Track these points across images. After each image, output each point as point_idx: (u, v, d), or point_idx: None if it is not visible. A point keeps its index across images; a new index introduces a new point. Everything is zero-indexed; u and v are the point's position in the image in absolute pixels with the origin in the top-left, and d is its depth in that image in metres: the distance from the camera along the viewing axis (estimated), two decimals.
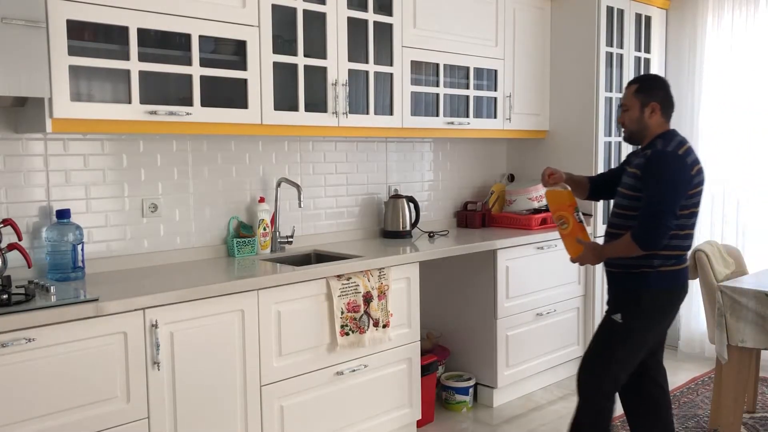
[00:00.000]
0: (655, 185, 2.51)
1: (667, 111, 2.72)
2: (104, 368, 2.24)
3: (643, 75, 2.78)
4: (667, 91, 2.74)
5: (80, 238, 2.60)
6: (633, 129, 2.72)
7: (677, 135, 2.68)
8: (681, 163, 2.53)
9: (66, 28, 2.34)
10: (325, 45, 3.11)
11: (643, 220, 2.51)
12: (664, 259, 2.58)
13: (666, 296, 2.64)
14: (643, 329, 2.64)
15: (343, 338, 2.89)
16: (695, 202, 2.59)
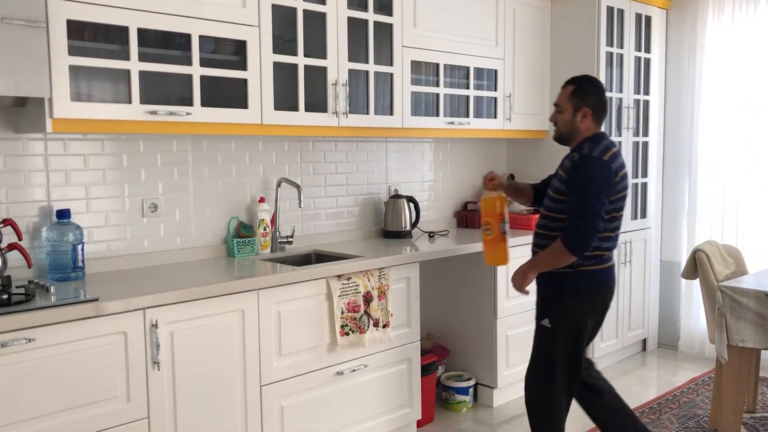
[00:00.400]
0: (581, 190, 2.55)
1: (598, 115, 2.74)
2: (104, 368, 2.24)
3: (581, 76, 2.79)
4: (601, 95, 2.74)
5: (80, 238, 2.60)
6: (564, 131, 2.75)
7: (605, 139, 2.70)
8: (606, 168, 2.56)
9: (66, 28, 2.33)
10: (325, 45, 3.11)
11: (571, 226, 2.55)
12: (583, 260, 2.62)
13: (588, 297, 2.68)
14: (573, 330, 2.68)
15: (343, 338, 2.89)
16: (618, 206, 2.63)
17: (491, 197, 2.88)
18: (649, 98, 4.57)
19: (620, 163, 2.64)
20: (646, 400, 3.83)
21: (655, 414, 3.63)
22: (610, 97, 4.25)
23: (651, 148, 4.61)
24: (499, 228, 2.85)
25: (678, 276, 4.59)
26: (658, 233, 4.76)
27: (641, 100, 4.51)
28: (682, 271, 3.48)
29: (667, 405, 3.76)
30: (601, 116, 2.75)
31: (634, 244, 4.51)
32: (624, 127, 4.37)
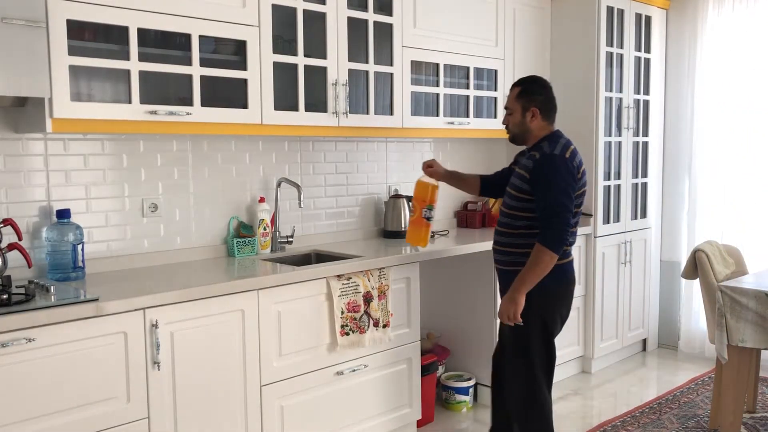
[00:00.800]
0: (548, 189, 2.60)
1: (547, 114, 2.77)
2: (104, 368, 2.24)
3: (527, 77, 2.85)
4: (548, 94, 2.78)
5: (80, 238, 2.60)
6: (516, 132, 2.81)
7: (562, 137, 2.75)
8: (568, 166, 2.62)
9: (66, 28, 2.33)
10: (325, 45, 3.11)
11: (544, 226, 2.60)
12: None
13: (553, 291, 2.72)
14: (545, 324, 2.73)
15: (343, 338, 2.89)
16: (579, 203, 2.70)
17: (424, 182, 3.09)
18: (649, 98, 4.57)
19: (579, 160, 2.71)
20: (646, 400, 3.83)
21: (655, 414, 3.63)
22: (610, 97, 4.25)
23: (651, 148, 4.62)
24: (421, 212, 3.07)
25: (678, 276, 4.59)
26: (658, 233, 4.76)
27: (641, 100, 4.51)
28: (682, 271, 3.48)
29: (667, 405, 3.76)
30: (551, 114, 2.79)
31: (634, 244, 4.51)
32: (624, 127, 4.37)
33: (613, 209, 4.34)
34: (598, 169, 4.19)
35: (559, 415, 3.64)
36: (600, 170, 4.20)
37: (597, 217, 4.20)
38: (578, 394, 3.96)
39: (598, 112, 4.16)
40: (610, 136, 4.27)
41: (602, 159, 4.21)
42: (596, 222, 4.20)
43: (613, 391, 4.02)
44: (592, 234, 4.20)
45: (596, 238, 4.20)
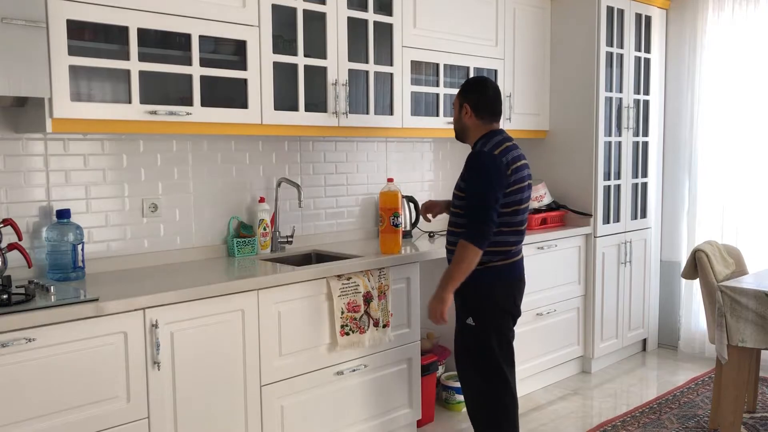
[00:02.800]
0: (472, 184, 2.64)
1: (480, 113, 2.77)
2: (104, 368, 2.24)
3: (471, 78, 2.97)
4: (483, 93, 2.78)
5: (80, 238, 2.60)
6: (456, 128, 2.88)
7: (498, 135, 2.75)
8: (495, 162, 2.63)
9: (66, 28, 2.33)
10: (325, 45, 3.11)
11: (470, 223, 2.62)
12: (491, 255, 2.68)
13: (500, 291, 2.73)
14: (498, 323, 2.73)
15: (344, 338, 2.89)
16: (516, 199, 2.69)
17: (386, 193, 3.21)
18: (649, 98, 4.57)
19: (513, 157, 2.70)
20: (646, 400, 3.83)
21: (655, 414, 3.63)
22: (610, 97, 4.25)
23: (651, 148, 4.62)
24: (389, 221, 3.17)
25: (678, 276, 4.60)
26: (658, 233, 4.76)
27: (641, 100, 4.52)
28: (682, 271, 3.48)
29: (667, 405, 3.76)
30: (484, 113, 2.77)
31: (634, 244, 4.51)
32: (624, 127, 4.37)
33: (613, 209, 4.34)
34: (598, 169, 4.19)
35: (559, 415, 3.65)
36: (600, 170, 4.20)
37: (597, 217, 4.20)
38: (578, 394, 3.96)
39: (598, 112, 4.16)
40: (610, 136, 4.27)
41: (602, 159, 4.21)
42: (596, 222, 4.20)
43: (613, 391, 4.02)
44: (592, 234, 4.20)
45: (596, 238, 4.20)
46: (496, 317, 2.73)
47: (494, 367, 2.72)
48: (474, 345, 2.75)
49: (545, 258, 3.91)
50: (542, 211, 4.15)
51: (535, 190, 4.14)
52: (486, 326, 2.71)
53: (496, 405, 2.75)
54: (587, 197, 4.21)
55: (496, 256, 2.70)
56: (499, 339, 2.73)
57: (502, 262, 2.72)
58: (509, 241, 2.72)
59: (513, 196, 2.68)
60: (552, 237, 3.94)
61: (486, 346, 2.72)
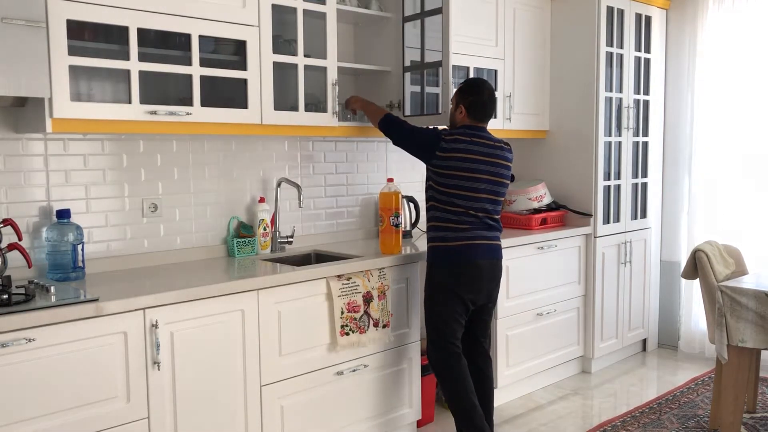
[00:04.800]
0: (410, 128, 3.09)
1: (473, 113, 3.04)
2: (104, 368, 2.24)
3: (470, 79, 3.20)
4: (479, 97, 3.04)
5: (80, 238, 2.60)
6: (450, 121, 3.16)
7: (464, 127, 3.03)
8: (434, 132, 3.01)
9: (66, 28, 2.33)
10: (325, 45, 3.11)
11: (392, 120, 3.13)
12: (437, 232, 2.99)
13: (447, 271, 2.96)
14: (438, 300, 2.99)
15: (343, 338, 2.89)
16: (456, 184, 2.93)
17: (385, 194, 3.23)
18: (649, 98, 4.57)
19: (458, 147, 2.94)
20: (646, 400, 3.83)
21: (655, 414, 3.63)
22: (610, 97, 4.25)
23: (651, 148, 4.62)
24: (389, 221, 3.20)
25: (678, 276, 4.60)
26: (658, 233, 4.76)
27: (641, 100, 4.52)
28: (682, 271, 3.48)
29: (667, 405, 3.76)
30: (478, 114, 3.05)
31: (634, 244, 4.51)
32: (624, 127, 4.37)
33: (613, 209, 4.34)
34: (598, 169, 4.19)
35: (559, 415, 3.65)
36: (600, 170, 4.20)
37: (597, 217, 4.20)
38: (578, 394, 3.96)
39: (598, 112, 4.16)
40: (610, 136, 4.27)
41: (602, 159, 4.21)
42: (596, 222, 4.20)
43: (613, 391, 4.02)
44: (592, 234, 4.20)
45: (596, 238, 4.20)
46: (437, 294, 2.99)
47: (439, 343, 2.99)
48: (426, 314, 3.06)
49: (545, 258, 3.91)
50: (542, 211, 4.15)
51: (535, 190, 4.14)
52: (431, 300, 3.02)
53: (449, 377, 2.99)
54: (587, 197, 4.21)
55: (444, 233, 2.96)
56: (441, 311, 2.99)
57: (450, 243, 2.95)
58: (451, 219, 2.95)
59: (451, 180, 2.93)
60: (552, 237, 3.94)
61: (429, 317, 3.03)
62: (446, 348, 2.99)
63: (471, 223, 2.95)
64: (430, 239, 3.02)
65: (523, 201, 4.14)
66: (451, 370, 2.99)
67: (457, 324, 3.01)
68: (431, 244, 3.01)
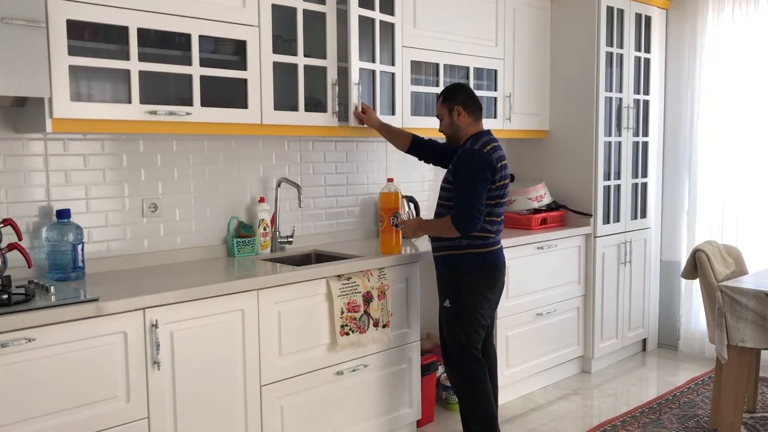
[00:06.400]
0: (465, 181, 2.86)
1: (471, 109, 3.01)
2: (104, 368, 2.24)
3: (447, 86, 3.14)
4: (467, 92, 3.04)
5: (80, 238, 2.60)
6: (449, 133, 3.07)
7: (486, 135, 2.98)
8: (485, 160, 2.86)
9: (66, 28, 2.33)
10: (325, 45, 3.11)
11: (459, 209, 2.86)
12: (471, 240, 2.92)
13: (478, 276, 2.96)
14: (470, 307, 2.95)
15: (343, 338, 2.89)
16: (501, 194, 2.95)
17: (386, 194, 3.22)
18: (649, 98, 4.57)
19: (499, 155, 2.92)
20: (646, 400, 3.83)
21: (655, 414, 3.63)
22: (610, 97, 4.25)
23: (651, 148, 4.62)
24: (389, 220, 3.19)
25: (678, 276, 4.59)
26: (658, 233, 4.76)
27: (641, 100, 4.51)
28: (682, 271, 3.48)
29: (667, 405, 3.76)
30: (474, 109, 3.02)
31: (634, 244, 4.51)
32: (624, 127, 4.37)
33: (613, 209, 4.34)
34: (598, 169, 4.19)
35: (559, 415, 3.65)
36: (600, 170, 4.20)
37: (597, 217, 4.20)
38: (578, 394, 3.96)
39: (598, 112, 4.16)
40: (610, 136, 4.27)
41: (602, 159, 4.21)
42: (596, 222, 4.20)
43: (613, 391, 4.02)
44: (592, 234, 4.20)
45: (596, 238, 4.20)
46: (469, 300, 2.94)
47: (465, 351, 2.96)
48: (447, 327, 3.00)
49: (545, 258, 3.91)
50: (542, 211, 4.15)
51: (535, 190, 4.14)
52: (459, 312, 2.95)
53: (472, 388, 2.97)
54: (587, 197, 4.21)
55: (476, 241, 2.93)
56: (468, 322, 2.95)
57: (482, 249, 2.94)
58: (488, 229, 2.94)
59: (499, 191, 2.92)
60: (552, 237, 3.94)
61: (455, 330, 2.96)
62: (476, 355, 2.98)
63: (499, 230, 3.01)
64: (457, 246, 2.94)
65: (523, 201, 4.14)
66: (482, 377, 2.98)
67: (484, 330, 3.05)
68: (462, 251, 2.93)
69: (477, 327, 2.98)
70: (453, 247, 2.95)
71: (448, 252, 2.97)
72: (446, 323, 3.02)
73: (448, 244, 2.96)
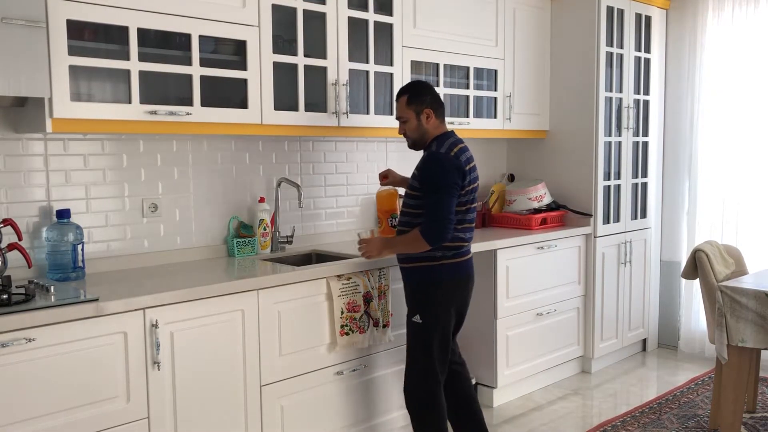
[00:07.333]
0: (434, 189, 2.69)
1: (439, 111, 2.85)
2: (104, 368, 2.24)
3: (409, 84, 2.92)
4: (433, 93, 2.86)
5: (80, 238, 2.60)
6: (415, 137, 2.86)
7: (451, 137, 2.82)
8: (454, 166, 2.70)
9: (66, 28, 2.33)
10: (325, 45, 3.11)
11: (429, 221, 2.69)
12: (444, 251, 2.75)
13: (451, 287, 2.79)
14: (442, 321, 2.78)
15: (343, 338, 2.89)
16: (471, 199, 2.79)
17: (383, 195, 3.12)
18: (649, 98, 4.57)
19: (467, 158, 2.77)
20: (646, 400, 3.83)
21: (655, 414, 3.63)
22: (610, 97, 4.25)
23: (651, 148, 4.62)
24: (387, 223, 3.17)
25: (678, 276, 4.59)
26: (658, 233, 4.76)
27: (641, 100, 4.52)
28: (682, 271, 3.48)
29: (667, 405, 3.76)
30: (441, 111, 2.86)
31: (634, 244, 4.51)
32: (624, 127, 4.37)
33: (613, 209, 4.34)
34: (598, 169, 4.19)
35: (559, 415, 3.65)
36: (600, 170, 4.20)
37: (597, 217, 4.20)
38: (578, 394, 3.96)
39: (598, 112, 4.16)
40: (610, 136, 4.27)
41: (602, 159, 4.21)
42: (596, 222, 4.20)
43: (613, 391, 4.02)
44: (592, 234, 4.20)
45: (596, 238, 4.21)
46: (441, 315, 2.78)
47: (432, 368, 2.78)
48: (416, 343, 2.82)
49: (545, 258, 3.91)
50: (542, 211, 4.15)
51: (535, 190, 4.15)
52: (430, 328, 2.77)
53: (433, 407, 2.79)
54: (587, 197, 4.21)
55: (450, 252, 2.77)
56: (440, 337, 2.79)
57: (456, 259, 2.79)
58: (461, 237, 2.80)
59: (468, 196, 2.77)
60: (552, 237, 3.94)
61: (425, 345, 2.79)
62: (438, 378, 2.81)
63: (471, 237, 2.86)
64: (430, 257, 2.75)
65: (523, 201, 4.15)
66: (440, 399, 2.82)
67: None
68: (435, 262, 2.75)
69: (447, 344, 2.82)
70: (426, 258, 2.75)
71: (420, 263, 2.77)
72: (415, 340, 2.81)
73: (420, 255, 2.75)
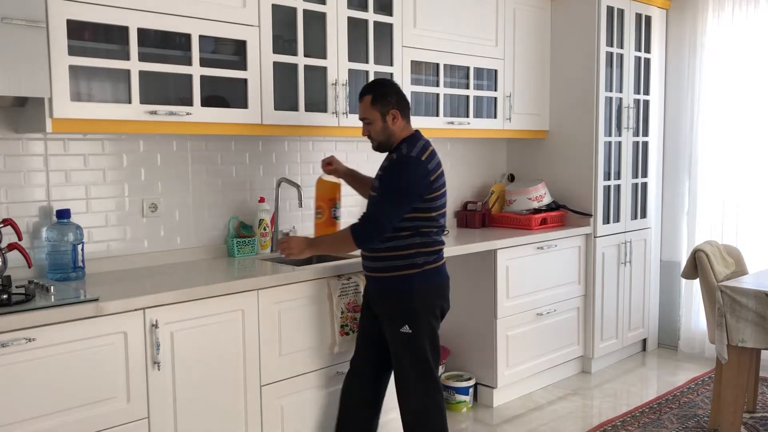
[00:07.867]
0: (388, 190, 2.57)
1: (405, 111, 2.71)
2: (104, 368, 2.24)
3: (372, 82, 2.79)
4: (399, 93, 2.71)
5: (80, 238, 2.60)
6: (381, 139, 2.71)
7: (421, 139, 2.70)
8: (422, 169, 2.57)
9: (66, 28, 2.33)
10: (325, 45, 3.11)
11: (366, 220, 2.59)
12: (426, 256, 2.64)
13: (434, 292, 2.68)
14: (432, 326, 2.67)
15: (343, 338, 2.89)
16: (442, 203, 2.66)
17: (326, 181, 2.95)
18: (649, 98, 4.57)
19: (437, 161, 2.65)
20: (646, 400, 3.83)
21: (655, 414, 3.63)
22: (610, 97, 4.25)
23: (651, 148, 4.62)
24: (330, 213, 2.95)
25: (678, 276, 4.59)
26: (658, 233, 4.76)
27: (641, 100, 4.52)
28: (682, 271, 3.48)
29: (667, 405, 3.76)
30: (407, 111, 2.73)
31: (634, 244, 4.51)
32: (624, 127, 4.37)
33: (613, 209, 4.34)
34: (598, 169, 4.19)
35: (559, 415, 3.65)
36: (600, 170, 4.20)
37: (597, 217, 4.20)
38: (578, 394, 3.96)
39: (598, 112, 4.16)
40: (610, 136, 4.27)
41: (602, 159, 4.21)
42: (596, 222, 4.20)
43: (613, 391, 4.02)
44: (591, 234, 4.20)
45: (596, 238, 4.20)
46: (432, 321, 2.67)
47: (431, 376, 2.66)
48: (409, 354, 2.65)
49: (545, 258, 3.91)
50: (542, 211, 4.15)
51: (535, 190, 4.15)
52: (423, 335, 2.64)
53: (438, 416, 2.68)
54: (587, 197, 4.21)
55: (432, 256, 2.66)
56: (432, 344, 2.67)
57: (437, 264, 2.68)
58: (441, 241, 2.71)
59: (438, 200, 2.64)
60: (552, 237, 3.94)
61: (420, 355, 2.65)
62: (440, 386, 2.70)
63: (443, 241, 2.75)
64: (411, 264, 2.61)
65: (523, 201, 4.15)
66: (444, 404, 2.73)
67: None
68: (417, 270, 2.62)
69: (439, 347, 2.72)
70: (406, 266, 2.60)
71: (399, 273, 2.62)
72: (408, 351, 2.65)
73: (399, 264, 2.60)
